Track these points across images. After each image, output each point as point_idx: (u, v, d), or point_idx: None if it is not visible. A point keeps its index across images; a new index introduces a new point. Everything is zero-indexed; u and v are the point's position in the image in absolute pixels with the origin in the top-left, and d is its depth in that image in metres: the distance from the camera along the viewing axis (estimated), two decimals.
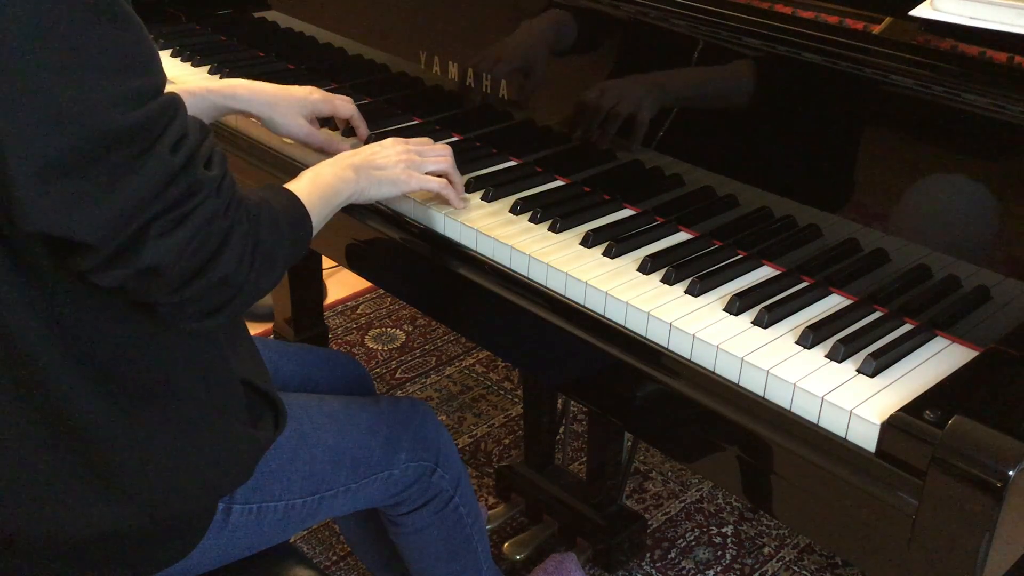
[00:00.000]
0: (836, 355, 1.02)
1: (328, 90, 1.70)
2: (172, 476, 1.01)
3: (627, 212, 1.32)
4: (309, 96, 1.40)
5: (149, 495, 1.00)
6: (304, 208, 1.08)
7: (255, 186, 1.09)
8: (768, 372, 0.99)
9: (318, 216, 1.12)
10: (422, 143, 1.31)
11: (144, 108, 0.84)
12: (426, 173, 1.27)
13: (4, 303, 0.89)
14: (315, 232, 1.11)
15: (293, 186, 1.12)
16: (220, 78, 1.77)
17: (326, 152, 1.42)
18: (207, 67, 1.81)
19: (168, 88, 0.90)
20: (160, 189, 0.85)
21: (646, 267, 1.17)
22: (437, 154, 1.30)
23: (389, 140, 1.29)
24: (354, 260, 1.46)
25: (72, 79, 0.80)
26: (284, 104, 1.38)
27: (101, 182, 0.83)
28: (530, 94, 1.40)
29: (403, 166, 1.25)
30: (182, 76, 1.78)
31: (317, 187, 1.14)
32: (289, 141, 1.47)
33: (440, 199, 1.30)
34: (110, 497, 0.98)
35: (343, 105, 1.44)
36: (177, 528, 1.05)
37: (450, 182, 1.29)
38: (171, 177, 0.86)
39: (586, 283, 1.14)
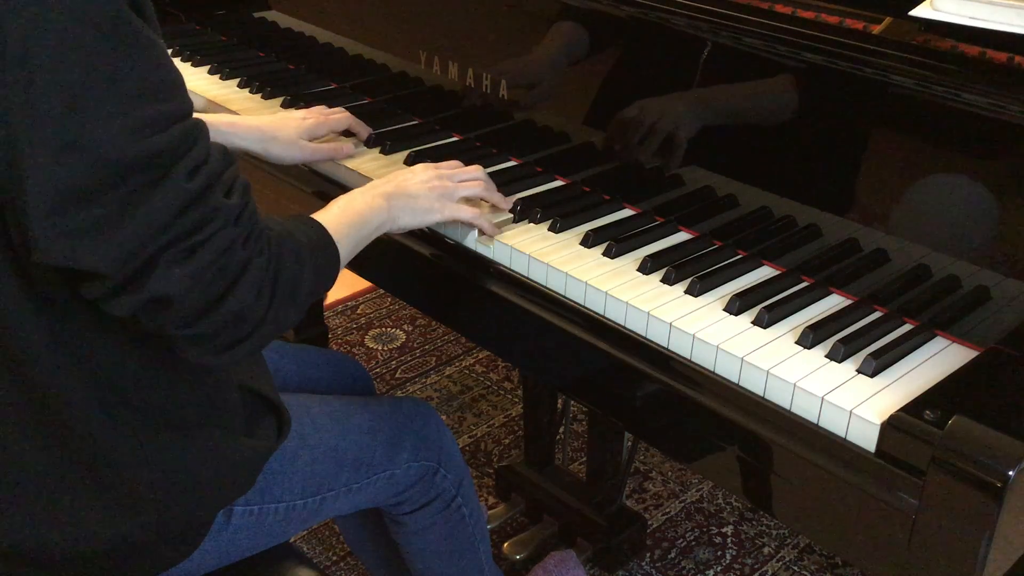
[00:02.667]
0: (836, 355, 1.02)
1: (328, 90, 1.71)
2: (177, 489, 1.01)
3: (627, 212, 1.32)
4: (303, 123, 1.40)
5: (154, 508, 1.00)
6: (331, 239, 1.06)
7: (286, 205, 1.07)
8: (768, 372, 0.99)
9: (347, 247, 1.09)
10: (453, 167, 1.28)
11: (160, 135, 0.82)
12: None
13: (16, 325, 0.88)
14: (344, 263, 1.09)
15: (322, 216, 1.09)
16: (220, 79, 1.77)
17: (337, 160, 1.43)
18: (207, 67, 1.81)
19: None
20: (174, 216, 0.83)
21: (646, 267, 1.17)
22: (470, 178, 1.27)
23: (420, 166, 1.27)
24: (354, 260, 1.46)
25: (88, 110, 0.78)
26: (282, 135, 1.37)
27: (114, 210, 0.81)
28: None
29: (437, 194, 1.22)
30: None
31: (347, 217, 1.11)
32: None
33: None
34: (116, 510, 0.98)
35: (338, 122, 1.44)
36: (178, 533, 1.05)
37: (488, 200, 1.28)
38: (186, 204, 0.84)
39: (586, 283, 1.14)
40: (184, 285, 0.85)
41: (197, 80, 1.77)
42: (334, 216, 1.10)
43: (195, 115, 0.88)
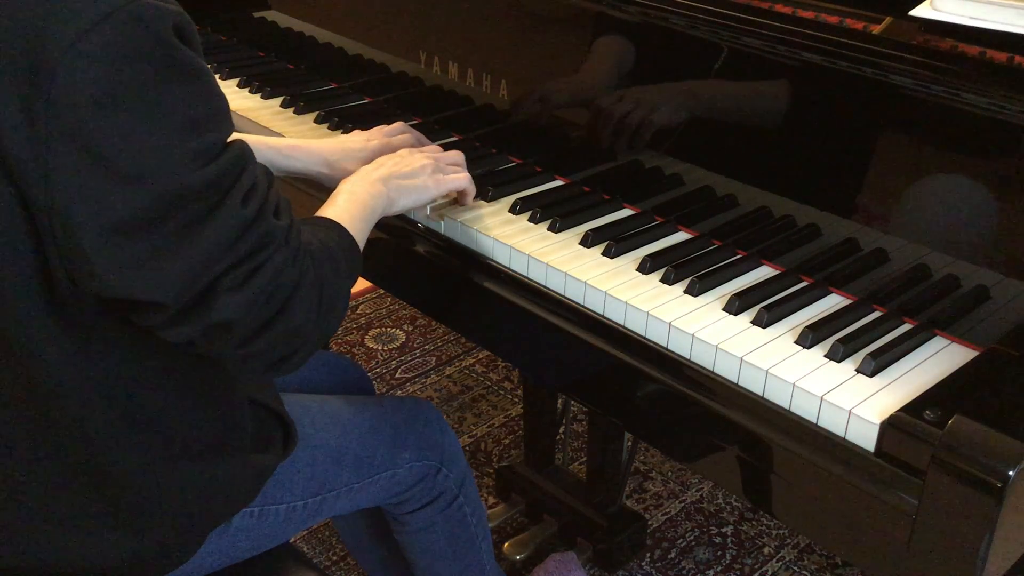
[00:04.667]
0: (835, 355, 1.02)
1: (328, 90, 1.71)
2: (184, 508, 1.01)
3: (627, 212, 1.32)
4: (367, 145, 1.35)
5: (160, 527, 1.00)
6: (353, 239, 1.06)
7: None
8: (767, 372, 0.99)
9: (361, 239, 1.10)
10: (433, 150, 1.31)
11: (215, 163, 0.82)
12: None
13: (36, 345, 0.88)
14: None
15: (333, 212, 1.09)
16: (220, 79, 1.77)
17: None
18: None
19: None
20: (232, 242, 0.84)
21: (645, 267, 1.17)
22: (453, 157, 1.30)
23: (404, 150, 1.28)
24: None
25: (141, 142, 0.78)
26: (344, 162, 1.32)
27: (173, 239, 0.81)
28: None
29: (428, 171, 1.24)
30: None
31: (356, 209, 1.12)
32: None
33: (450, 198, 1.31)
34: (124, 530, 0.99)
35: (403, 143, 1.37)
36: (180, 544, 1.05)
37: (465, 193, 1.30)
38: (243, 229, 0.84)
39: (585, 283, 1.14)
40: (243, 309, 0.85)
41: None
42: (344, 210, 1.11)
43: (251, 138, 0.88)
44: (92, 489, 0.96)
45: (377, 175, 1.20)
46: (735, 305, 1.09)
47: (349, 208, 1.11)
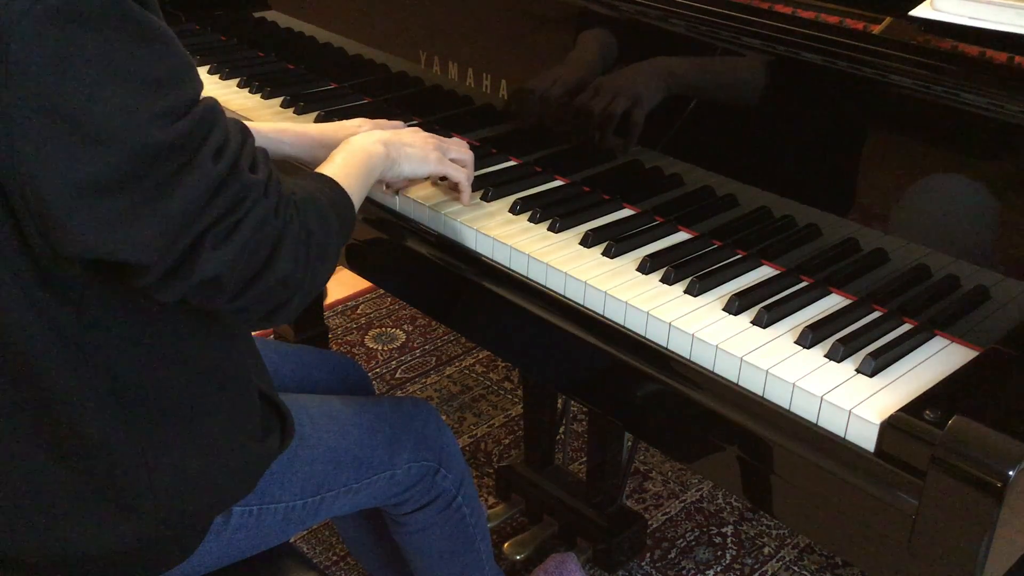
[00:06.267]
0: (835, 355, 1.01)
1: (328, 90, 1.71)
2: (179, 493, 1.01)
3: (626, 212, 1.32)
4: (357, 130, 1.34)
5: (155, 512, 1.00)
6: (346, 193, 1.07)
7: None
8: (767, 372, 0.99)
9: (357, 196, 1.11)
10: (441, 139, 1.32)
11: (183, 120, 0.83)
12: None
13: (23, 324, 0.88)
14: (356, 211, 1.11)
15: (329, 170, 1.10)
16: (220, 79, 1.78)
17: None
18: (207, 67, 1.81)
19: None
20: (207, 200, 0.84)
21: (645, 267, 1.17)
22: (460, 144, 1.31)
23: (410, 128, 1.29)
24: (353, 260, 1.46)
25: (105, 102, 0.78)
26: (333, 144, 1.31)
27: (145, 199, 0.82)
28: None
29: (431, 147, 1.26)
30: None
31: (353, 167, 1.13)
32: None
33: (446, 193, 1.31)
34: (118, 515, 0.98)
35: (392, 127, 1.38)
36: (176, 536, 1.05)
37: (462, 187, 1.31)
38: (217, 186, 0.85)
39: (585, 283, 1.14)
40: (230, 263, 0.87)
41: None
42: (340, 167, 1.12)
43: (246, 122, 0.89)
44: (83, 470, 0.95)
45: (379, 136, 1.21)
46: (735, 305, 1.09)
47: (344, 165, 1.12)
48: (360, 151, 1.17)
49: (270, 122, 1.46)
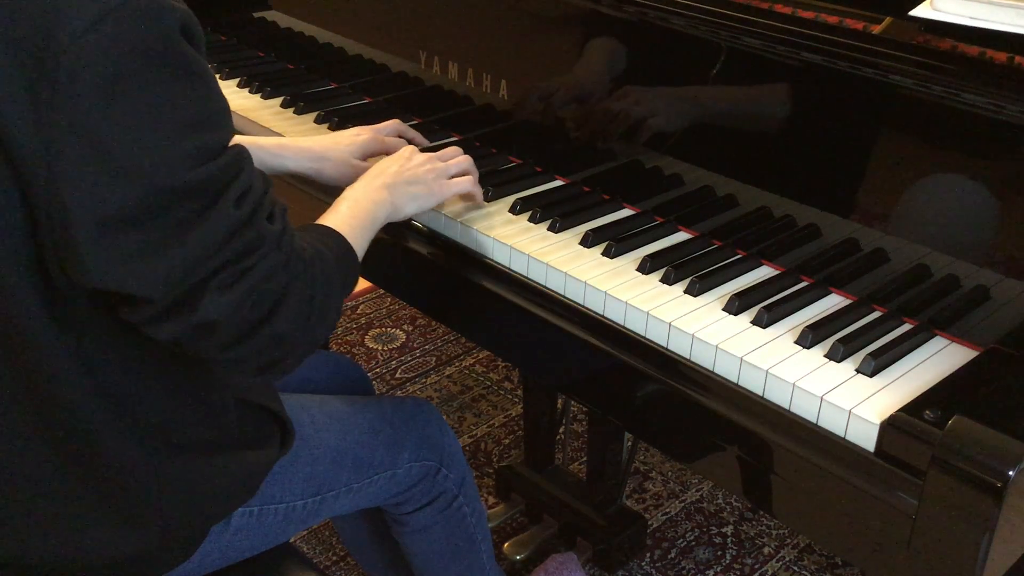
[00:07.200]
0: (835, 355, 1.01)
1: (328, 90, 1.71)
2: (183, 503, 1.01)
3: (626, 212, 1.32)
4: (356, 140, 1.36)
5: (159, 521, 1.00)
6: (351, 247, 1.06)
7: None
8: (767, 372, 0.99)
9: (361, 248, 1.10)
10: (436, 154, 1.30)
11: (212, 163, 0.83)
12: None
13: (35, 341, 0.88)
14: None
15: (333, 220, 1.09)
16: (220, 79, 1.77)
17: None
18: None
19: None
20: (222, 243, 0.84)
21: (645, 267, 1.17)
22: (455, 154, 1.30)
23: (407, 150, 1.27)
24: None
25: (141, 137, 0.79)
26: (333, 156, 1.33)
27: (164, 235, 0.82)
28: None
29: (433, 176, 1.24)
30: None
31: (357, 218, 1.11)
32: None
33: (460, 198, 1.31)
34: (123, 524, 0.99)
35: (393, 141, 1.39)
36: (179, 542, 1.05)
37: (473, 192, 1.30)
38: (234, 231, 0.85)
39: (585, 283, 1.14)
40: (230, 310, 0.86)
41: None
42: (345, 218, 1.10)
43: (239, 138, 0.89)
44: (89, 482, 0.96)
45: (381, 182, 1.19)
46: (735, 305, 1.09)
47: (350, 216, 1.11)
48: (365, 200, 1.15)
49: (272, 137, 1.45)
